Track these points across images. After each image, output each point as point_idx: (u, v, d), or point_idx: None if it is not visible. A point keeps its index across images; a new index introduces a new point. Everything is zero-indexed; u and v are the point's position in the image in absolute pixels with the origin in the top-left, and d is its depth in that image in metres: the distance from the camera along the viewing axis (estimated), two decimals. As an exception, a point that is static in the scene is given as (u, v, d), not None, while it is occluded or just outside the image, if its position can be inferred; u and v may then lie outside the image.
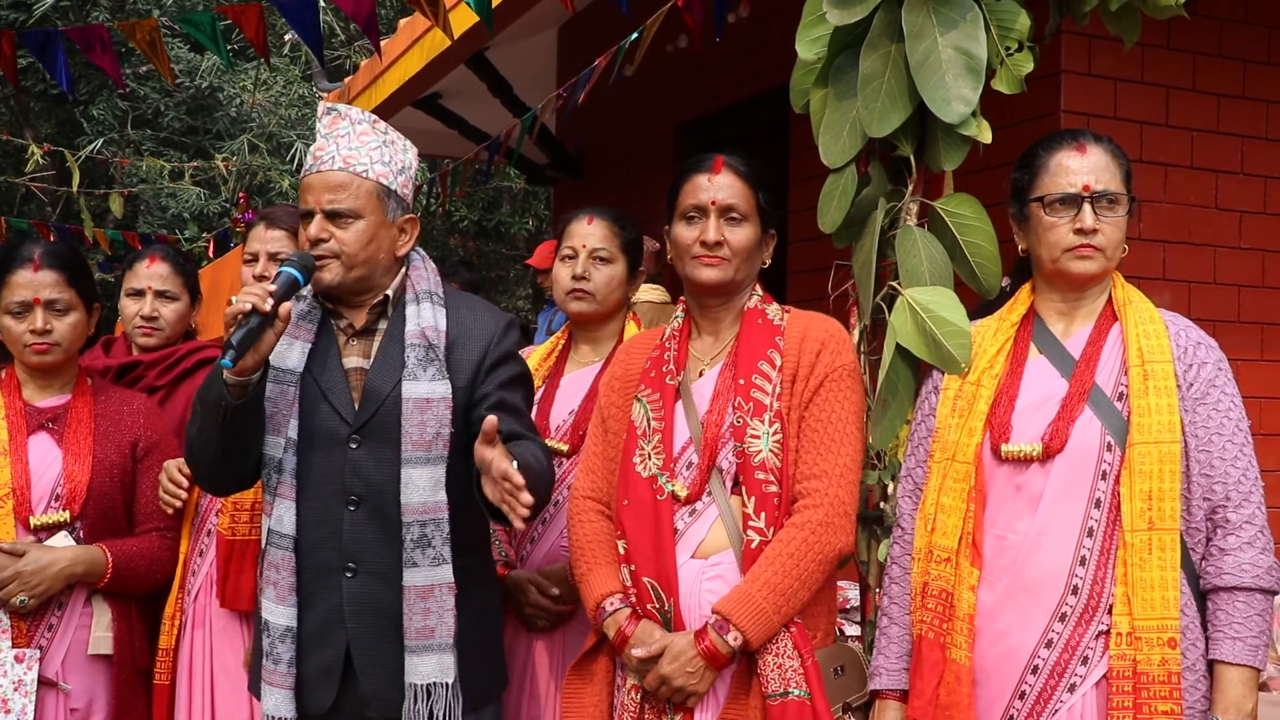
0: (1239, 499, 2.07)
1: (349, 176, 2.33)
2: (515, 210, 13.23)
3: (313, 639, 2.33)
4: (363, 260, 2.34)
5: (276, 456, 2.33)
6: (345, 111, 2.41)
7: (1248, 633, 2.04)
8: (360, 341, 2.40)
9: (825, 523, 2.20)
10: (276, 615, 2.32)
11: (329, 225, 2.32)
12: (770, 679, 2.17)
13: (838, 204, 2.46)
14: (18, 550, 2.60)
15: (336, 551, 2.31)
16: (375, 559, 2.30)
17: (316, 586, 2.33)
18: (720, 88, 5.79)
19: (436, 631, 2.27)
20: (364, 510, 2.31)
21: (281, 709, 2.31)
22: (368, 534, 2.31)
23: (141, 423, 2.84)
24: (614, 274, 2.82)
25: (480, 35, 5.37)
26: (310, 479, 2.33)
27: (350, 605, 2.31)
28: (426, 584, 2.27)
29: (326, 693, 2.32)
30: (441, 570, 2.28)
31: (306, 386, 2.35)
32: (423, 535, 2.27)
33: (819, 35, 2.48)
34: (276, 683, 2.32)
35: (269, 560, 2.34)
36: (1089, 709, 2.06)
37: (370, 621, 2.30)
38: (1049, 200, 2.17)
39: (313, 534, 2.33)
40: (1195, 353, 2.13)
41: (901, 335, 2.32)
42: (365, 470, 2.31)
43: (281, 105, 12.43)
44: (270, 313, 2.19)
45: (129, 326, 3.07)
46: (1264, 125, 4.36)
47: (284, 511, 2.32)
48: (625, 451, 2.37)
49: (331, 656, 2.32)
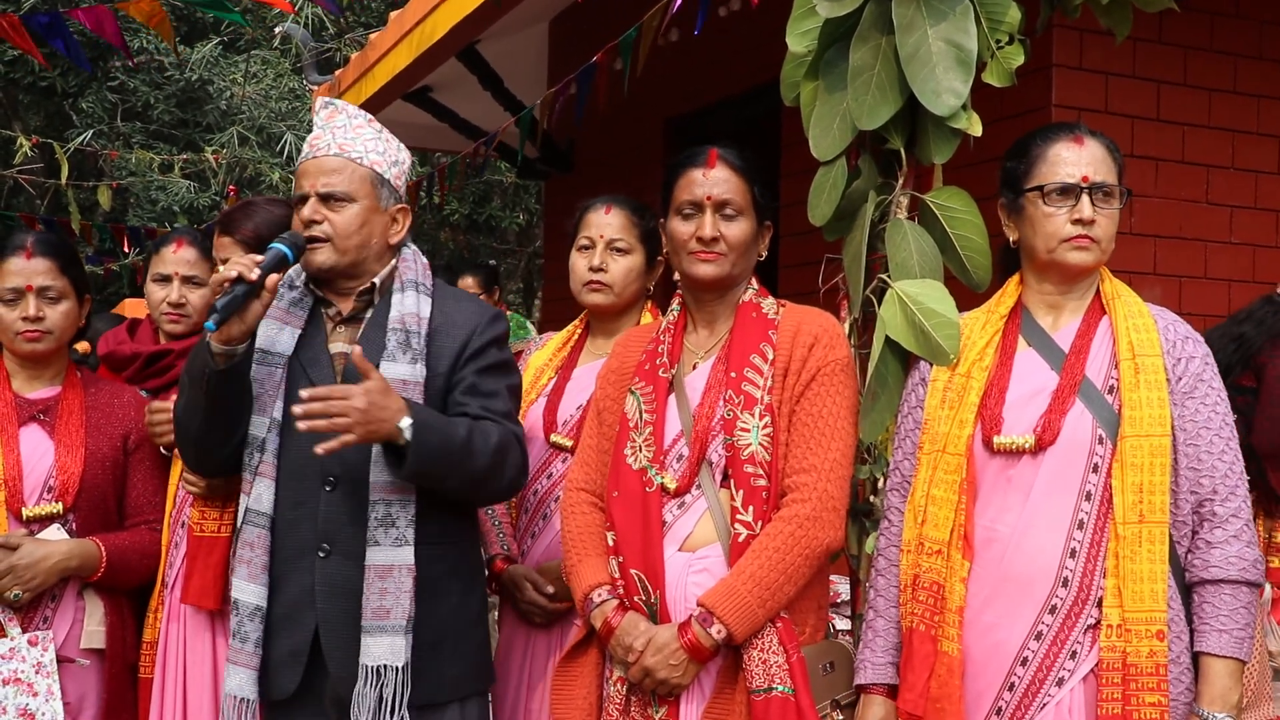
0: (1225, 493, 2.08)
1: (344, 161, 2.38)
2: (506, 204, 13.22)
3: (282, 621, 2.35)
4: (355, 244, 2.38)
5: (260, 436, 2.37)
6: (343, 106, 2.47)
7: (1234, 625, 2.04)
8: (347, 328, 2.44)
9: (813, 517, 2.20)
10: (247, 594, 2.34)
11: (322, 208, 2.36)
12: (755, 674, 2.16)
13: (828, 197, 2.46)
14: (11, 543, 2.59)
15: (312, 532, 2.34)
16: (348, 540, 2.32)
17: (289, 568, 2.35)
18: (711, 82, 5.78)
19: (392, 613, 2.28)
20: (340, 491, 2.34)
21: (244, 689, 2.33)
22: (342, 514, 2.33)
23: (133, 415, 2.83)
24: (632, 265, 2.78)
25: (472, 28, 5.35)
26: (290, 459, 2.36)
27: (321, 586, 2.32)
28: (386, 564, 2.28)
29: (291, 676, 2.34)
30: (403, 551, 2.29)
31: (293, 370, 2.39)
32: (387, 514, 2.29)
33: (809, 28, 2.47)
34: (242, 662, 2.33)
35: (244, 539, 2.36)
36: (1076, 703, 2.07)
37: (340, 603, 2.31)
38: (1048, 190, 2.17)
39: (289, 514, 2.36)
40: (1183, 347, 2.14)
41: (891, 328, 2.32)
42: (344, 452, 2.30)
43: (272, 98, 12.39)
44: (256, 282, 2.24)
45: (156, 313, 3.03)
46: (1255, 120, 4.37)
47: (263, 490, 2.35)
48: (617, 443, 2.36)
49: (300, 639, 2.33)
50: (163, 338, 3.06)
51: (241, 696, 2.33)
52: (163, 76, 11.91)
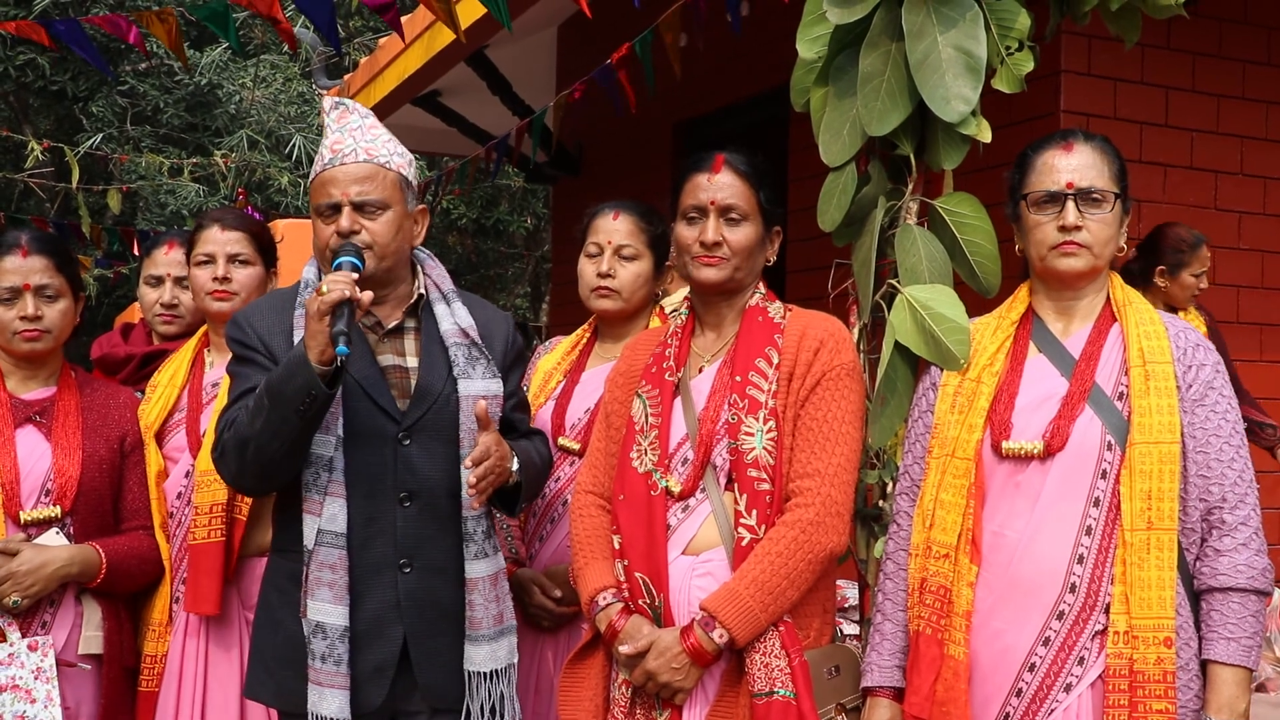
0: (1235, 500, 2.08)
1: (374, 168, 2.33)
2: (513, 208, 13.22)
3: (363, 637, 2.30)
4: (393, 250, 2.35)
5: (327, 455, 2.28)
6: (353, 106, 2.43)
7: (1241, 633, 2.04)
8: (391, 340, 2.39)
9: (816, 522, 2.20)
10: (333, 616, 2.26)
11: (359, 217, 2.31)
12: (757, 678, 2.16)
13: (837, 202, 2.47)
14: (10, 549, 2.55)
15: (391, 548, 2.31)
16: (430, 553, 2.33)
17: (367, 585, 2.30)
18: (720, 87, 5.79)
19: (504, 617, 2.40)
20: (416, 506, 2.32)
21: (342, 710, 2.25)
22: (422, 529, 2.32)
23: (129, 417, 2.80)
24: (640, 271, 2.78)
25: (482, 32, 5.37)
26: (358, 476, 2.31)
27: (407, 600, 2.31)
28: (491, 573, 2.37)
29: (378, 690, 2.30)
30: (486, 563, 2.37)
31: (345, 385, 2.30)
32: (472, 530, 2.35)
33: (819, 34, 2.48)
34: (334, 684, 2.26)
35: (320, 560, 2.27)
36: (1084, 709, 2.06)
37: (427, 614, 2.33)
38: (1033, 198, 2.18)
39: (363, 531, 2.31)
40: (1194, 354, 2.14)
41: (900, 333, 2.32)
42: (418, 466, 2.32)
43: (281, 102, 12.41)
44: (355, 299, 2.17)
45: (149, 314, 3.03)
46: (1263, 126, 4.37)
47: (336, 510, 2.28)
48: (623, 446, 2.37)
49: (386, 653, 2.31)
50: (156, 339, 3.07)
51: (333, 717, 2.25)
52: (172, 81, 11.94)
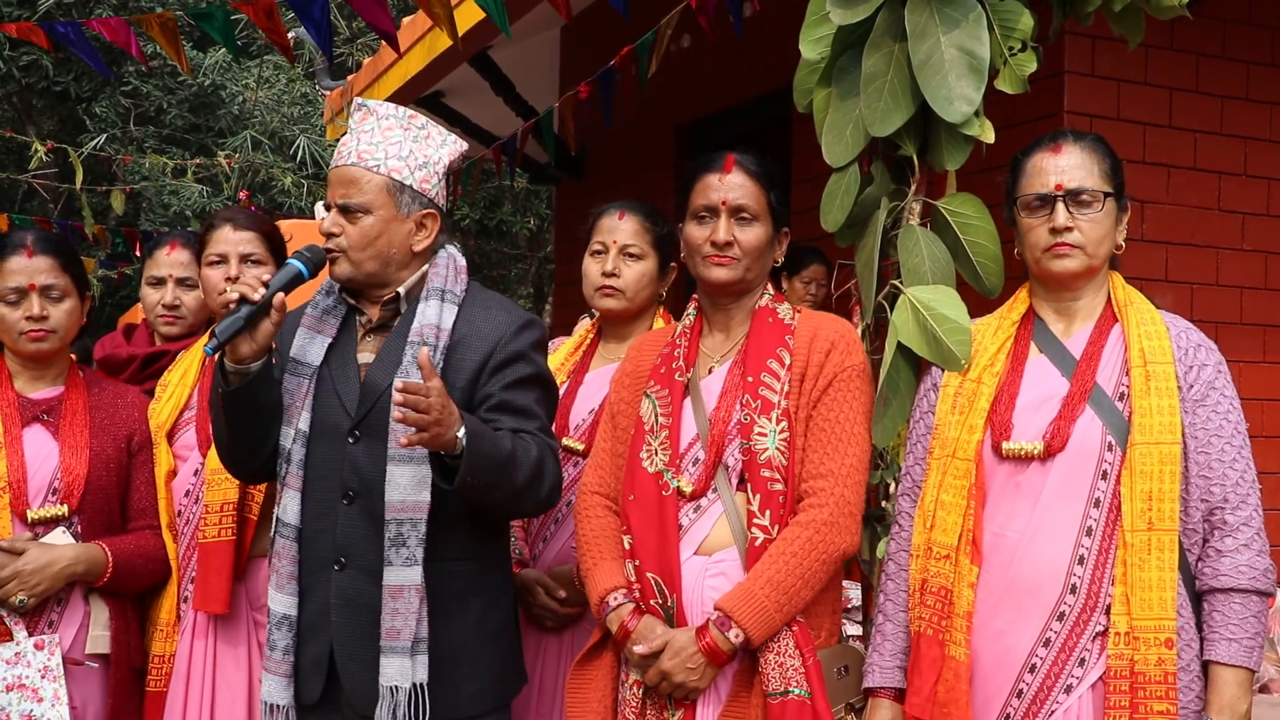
0: (1236, 501, 2.08)
1: (360, 172, 2.34)
2: (516, 209, 13.22)
3: (308, 630, 2.36)
4: (369, 256, 2.35)
5: (287, 447, 2.36)
6: (375, 108, 2.42)
7: (1243, 634, 2.04)
8: (374, 337, 2.41)
9: (830, 522, 2.21)
10: (276, 603, 2.36)
11: (341, 220, 2.34)
12: (771, 677, 2.17)
13: (840, 203, 2.47)
14: (16, 548, 2.56)
15: (331, 545, 2.33)
16: (363, 555, 2.30)
17: (314, 579, 2.35)
18: (723, 88, 5.79)
19: (401, 634, 2.24)
20: (358, 505, 2.32)
21: (275, 695, 2.34)
22: (359, 529, 2.31)
23: (136, 416, 2.81)
24: (644, 270, 2.78)
25: (484, 34, 5.37)
26: (315, 471, 2.36)
27: (336, 599, 2.32)
28: (398, 584, 2.25)
29: (316, 683, 2.35)
30: (411, 571, 2.24)
31: (322, 380, 2.38)
32: (399, 534, 2.25)
33: (822, 35, 2.48)
34: (272, 670, 2.35)
35: (274, 549, 2.37)
36: (1085, 710, 2.07)
37: (353, 617, 2.31)
38: (1024, 202, 2.19)
39: (313, 525, 2.36)
40: (1196, 354, 2.14)
41: (903, 334, 2.32)
42: (361, 465, 2.31)
43: (284, 103, 12.42)
44: (262, 303, 2.22)
45: (151, 315, 3.03)
46: (1267, 127, 4.36)
47: (289, 501, 2.35)
48: (633, 447, 2.37)
49: (320, 649, 2.34)
50: (158, 340, 3.07)
51: (273, 703, 2.34)
52: (175, 82, 11.94)
